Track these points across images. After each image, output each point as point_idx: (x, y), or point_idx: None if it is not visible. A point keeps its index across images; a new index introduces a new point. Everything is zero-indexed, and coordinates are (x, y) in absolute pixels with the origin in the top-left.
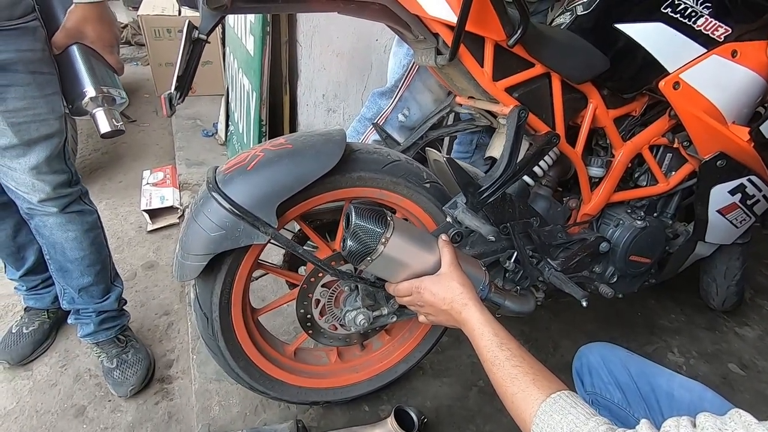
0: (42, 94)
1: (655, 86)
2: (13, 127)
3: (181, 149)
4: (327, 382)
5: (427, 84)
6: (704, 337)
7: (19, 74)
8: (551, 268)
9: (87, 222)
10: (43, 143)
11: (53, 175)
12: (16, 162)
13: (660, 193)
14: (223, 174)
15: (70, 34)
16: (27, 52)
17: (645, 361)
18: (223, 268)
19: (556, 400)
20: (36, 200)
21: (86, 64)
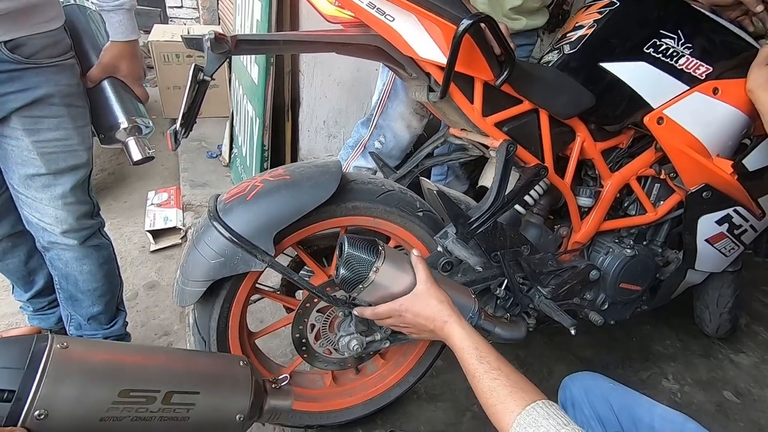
0: (74, 125)
1: (640, 121)
2: (42, 156)
3: (186, 170)
4: (321, 405)
5: (398, 111)
6: (699, 364)
7: (55, 107)
8: (541, 295)
9: (102, 256)
10: (71, 173)
11: (78, 205)
12: (42, 192)
13: (649, 222)
14: (223, 203)
15: (105, 69)
16: (64, 86)
17: (627, 392)
18: (222, 293)
19: (530, 413)
20: (59, 231)
21: (118, 97)
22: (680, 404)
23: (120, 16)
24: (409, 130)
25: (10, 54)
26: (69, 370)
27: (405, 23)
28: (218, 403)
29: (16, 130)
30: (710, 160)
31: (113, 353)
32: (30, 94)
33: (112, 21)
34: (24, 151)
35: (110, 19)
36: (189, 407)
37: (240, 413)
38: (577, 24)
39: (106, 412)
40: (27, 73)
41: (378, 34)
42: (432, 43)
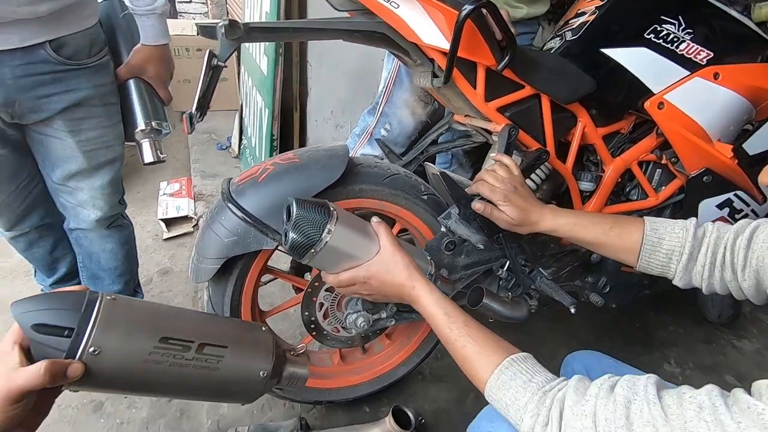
0: (111, 123)
1: (641, 106)
2: (85, 154)
3: (197, 162)
4: (329, 382)
5: (403, 99)
6: (702, 350)
7: (95, 108)
8: (543, 276)
9: (124, 236)
10: (108, 167)
11: (113, 195)
12: (83, 183)
13: (650, 206)
14: (236, 185)
15: (132, 70)
16: (101, 86)
17: (628, 369)
18: (235, 271)
19: (498, 377)
20: (94, 218)
21: (140, 98)
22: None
23: (152, 20)
24: (414, 117)
25: (55, 55)
26: (118, 316)
27: (409, 10)
28: (244, 359)
29: (60, 131)
30: (711, 145)
31: (154, 308)
32: (72, 96)
33: (144, 24)
34: (68, 149)
35: (142, 22)
36: (219, 359)
37: (263, 371)
38: (579, 11)
39: (148, 355)
40: (69, 75)
41: (383, 21)
42: (435, 29)
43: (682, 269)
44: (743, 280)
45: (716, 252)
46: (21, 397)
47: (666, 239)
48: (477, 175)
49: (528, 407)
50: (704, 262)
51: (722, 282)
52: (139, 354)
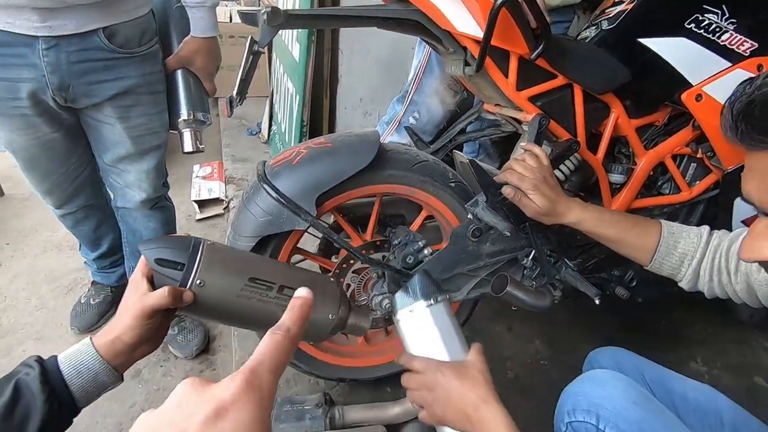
0: (157, 110)
1: (677, 98)
2: (132, 139)
3: (228, 146)
4: (353, 361)
5: (433, 87)
6: (731, 350)
7: (143, 96)
8: (568, 267)
9: (165, 216)
10: (155, 152)
11: (157, 178)
12: (131, 166)
13: (682, 201)
14: (271, 167)
15: (181, 61)
16: (149, 75)
17: (657, 366)
18: (268, 249)
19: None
20: (139, 199)
21: (186, 89)
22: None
23: (202, 12)
24: (443, 105)
25: (108, 42)
26: (217, 257)
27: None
28: (316, 301)
29: (110, 117)
30: None
31: (244, 254)
32: (122, 83)
33: (195, 17)
34: (117, 135)
35: (193, 15)
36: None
37: (331, 313)
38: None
39: (240, 290)
40: (120, 63)
41: (417, 9)
42: (469, 16)
43: (692, 273)
44: (736, 283)
45: (715, 258)
46: (152, 314)
47: (681, 243)
48: (506, 164)
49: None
50: (706, 267)
51: (720, 286)
52: (233, 289)
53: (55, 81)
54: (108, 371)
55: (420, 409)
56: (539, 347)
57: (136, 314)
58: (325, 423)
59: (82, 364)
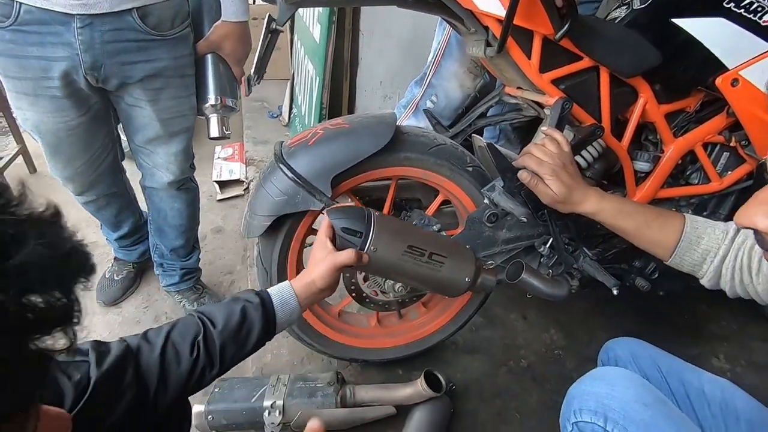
0: (186, 94)
1: (711, 83)
2: (162, 122)
3: (249, 128)
4: (366, 342)
5: (452, 71)
6: (756, 348)
7: (173, 78)
8: (586, 256)
9: (190, 198)
10: (183, 135)
11: (185, 161)
12: (160, 148)
13: (712, 192)
14: (288, 147)
15: (211, 45)
16: (180, 58)
17: (674, 358)
18: (283, 229)
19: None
20: (166, 180)
21: (215, 74)
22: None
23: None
24: (462, 89)
25: (141, 23)
26: (385, 228)
27: None
28: (456, 266)
29: (140, 100)
30: None
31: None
32: (153, 65)
33: (226, 1)
34: (146, 117)
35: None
36: (441, 264)
37: (467, 276)
38: None
39: (401, 255)
40: (152, 45)
41: None
42: None
43: (713, 271)
44: (758, 284)
45: (738, 256)
46: (341, 269)
47: (705, 239)
48: (525, 148)
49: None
50: (729, 265)
51: (741, 285)
52: (396, 254)
53: (88, 60)
54: (298, 310)
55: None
56: (554, 337)
57: (329, 267)
58: (336, 401)
59: (286, 302)
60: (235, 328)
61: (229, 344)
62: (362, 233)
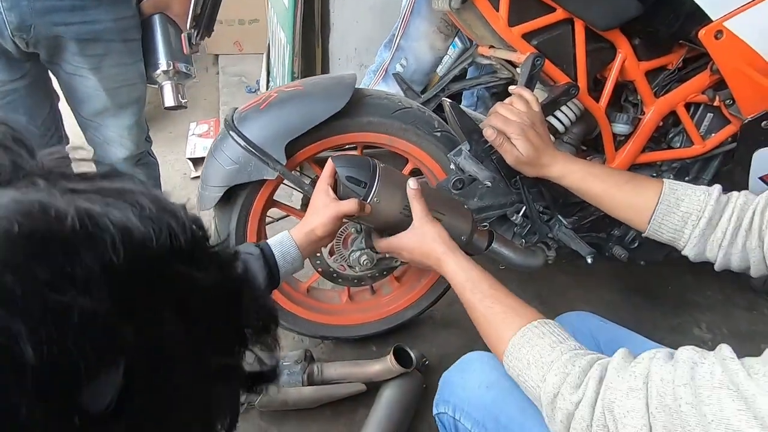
0: (132, 60)
1: (694, 36)
2: (108, 92)
3: (226, 104)
4: (337, 319)
5: (421, 30)
6: (740, 317)
7: (115, 43)
8: (562, 225)
9: (150, 173)
10: (134, 106)
11: (139, 134)
12: (110, 121)
13: (695, 155)
14: (239, 113)
15: (157, 5)
16: (122, 20)
17: (618, 330)
18: (239, 201)
19: (524, 333)
20: (122, 156)
21: (164, 36)
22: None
23: None
24: (433, 51)
25: None
26: (389, 179)
27: None
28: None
29: (81, 68)
30: None
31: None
32: (90, 28)
33: None
34: (90, 88)
35: None
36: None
37: (463, 235)
38: None
39: (402, 209)
40: (88, 4)
41: None
42: None
43: (698, 235)
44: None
45: (742, 217)
46: (342, 217)
47: (685, 201)
48: (491, 108)
49: (554, 365)
50: (726, 227)
51: (743, 252)
52: (398, 206)
53: (13, 20)
54: (300, 259)
55: None
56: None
57: (331, 215)
58: (302, 379)
59: (288, 253)
60: None
61: None
62: (366, 183)
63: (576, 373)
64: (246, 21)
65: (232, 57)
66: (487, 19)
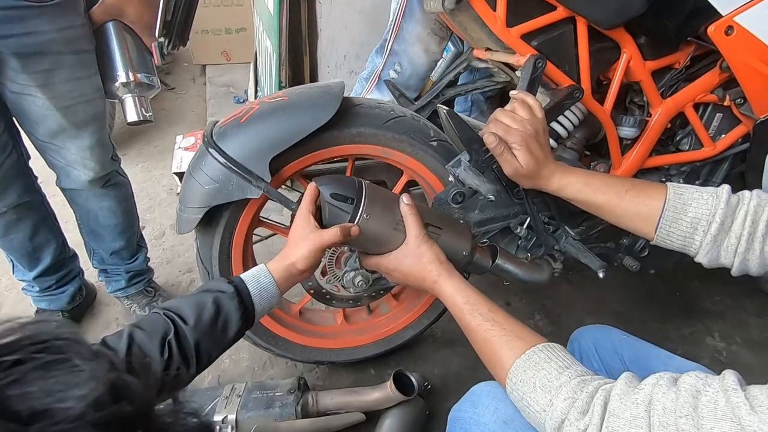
0: (86, 74)
1: (703, 32)
2: (62, 110)
3: (213, 115)
4: (332, 342)
5: (415, 33)
6: (752, 324)
7: (64, 56)
8: (569, 236)
9: (121, 193)
10: (94, 124)
11: (103, 153)
12: (69, 143)
13: (705, 158)
14: (219, 127)
15: (109, 11)
16: (69, 29)
17: (642, 345)
18: (221, 222)
19: (530, 356)
20: (86, 179)
21: (121, 46)
22: (725, 363)
23: None
24: (428, 54)
25: None
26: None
27: None
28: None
29: (28, 86)
30: None
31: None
32: (32, 40)
33: None
34: (42, 107)
35: None
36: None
37: (465, 250)
38: None
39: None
40: (27, 14)
41: None
42: None
43: (711, 241)
44: None
45: (757, 220)
46: (325, 248)
47: (692, 205)
48: (492, 115)
49: (562, 389)
50: (740, 232)
51: (762, 257)
52: (391, 222)
53: None
54: (278, 296)
55: None
56: (540, 323)
57: (313, 247)
58: (296, 411)
59: (265, 290)
60: (209, 322)
61: (205, 340)
62: (354, 199)
63: (584, 398)
64: (233, 30)
65: (219, 67)
66: (484, 19)
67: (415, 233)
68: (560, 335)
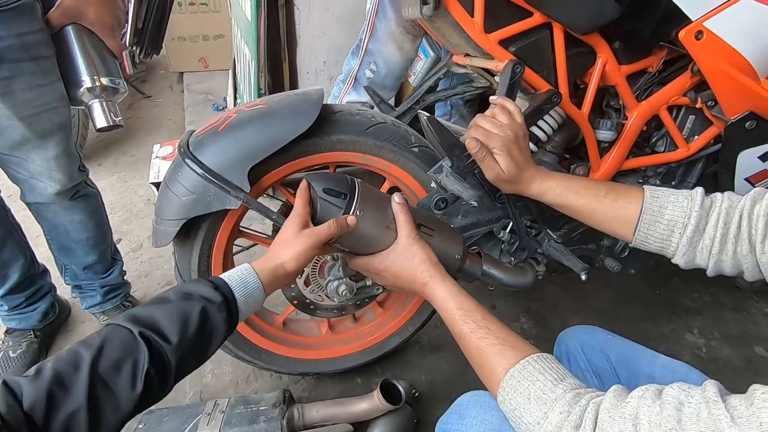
0: (48, 81)
1: (674, 37)
2: (24, 120)
3: (191, 123)
4: (317, 353)
5: (388, 32)
6: (730, 318)
7: (23, 63)
8: (551, 239)
9: (91, 205)
10: (59, 133)
11: (70, 164)
12: (34, 154)
13: (680, 159)
14: (195, 137)
15: (67, 13)
16: (27, 35)
17: (628, 344)
18: (200, 234)
19: (524, 366)
20: (53, 192)
21: (83, 50)
22: (705, 359)
23: None
24: (402, 53)
25: None
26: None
27: None
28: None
29: None
30: (758, 83)
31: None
32: None
33: None
34: (2, 118)
35: None
36: (429, 237)
37: (457, 253)
38: None
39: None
40: None
41: None
42: None
43: (686, 243)
44: (762, 254)
45: (729, 222)
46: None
47: (669, 208)
48: (472, 120)
49: (558, 403)
50: (713, 234)
51: (735, 258)
52: (384, 220)
53: None
54: (262, 300)
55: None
56: (525, 325)
57: (310, 244)
58: (281, 425)
59: (251, 295)
60: (194, 337)
61: (188, 358)
62: (347, 194)
63: (577, 412)
64: (210, 36)
65: (197, 74)
66: (462, 25)
67: (406, 232)
68: (545, 336)
